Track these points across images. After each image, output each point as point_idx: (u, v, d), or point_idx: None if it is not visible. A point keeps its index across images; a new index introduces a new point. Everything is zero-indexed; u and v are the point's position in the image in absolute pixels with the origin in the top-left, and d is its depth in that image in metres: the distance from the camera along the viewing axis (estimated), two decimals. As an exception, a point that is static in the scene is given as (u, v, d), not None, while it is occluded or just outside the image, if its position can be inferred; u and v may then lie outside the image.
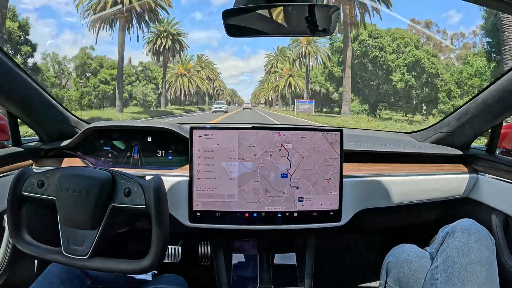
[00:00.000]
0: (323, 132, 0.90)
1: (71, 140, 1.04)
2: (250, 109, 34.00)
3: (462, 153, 1.08)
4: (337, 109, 20.02)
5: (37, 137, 1.10)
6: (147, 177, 0.72)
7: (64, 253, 0.69)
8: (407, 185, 1.01)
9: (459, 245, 0.70)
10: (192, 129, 0.88)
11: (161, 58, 22.21)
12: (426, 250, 0.79)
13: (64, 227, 0.70)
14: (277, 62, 28.83)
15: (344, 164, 0.90)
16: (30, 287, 0.74)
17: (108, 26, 17.17)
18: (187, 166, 0.89)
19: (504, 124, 1.00)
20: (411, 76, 16.53)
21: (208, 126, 0.89)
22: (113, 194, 0.69)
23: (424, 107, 16.71)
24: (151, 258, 0.68)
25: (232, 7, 0.68)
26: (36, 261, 1.04)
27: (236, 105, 55.34)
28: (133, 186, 0.69)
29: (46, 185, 0.71)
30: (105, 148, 1.07)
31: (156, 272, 1.13)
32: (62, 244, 0.69)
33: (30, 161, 1.01)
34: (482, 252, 0.68)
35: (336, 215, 0.91)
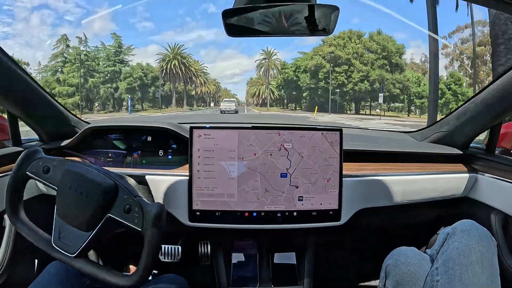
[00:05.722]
0: (322, 132, 0.90)
1: (71, 140, 1.04)
2: (236, 111, 20.99)
3: (461, 152, 1.08)
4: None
5: (37, 137, 1.10)
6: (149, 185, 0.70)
7: (53, 244, 0.67)
8: (407, 185, 1.01)
9: (459, 246, 0.68)
10: (192, 128, 0.88)
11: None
12: (426, 253, 0.78)
13: (59, 219, 0.68)
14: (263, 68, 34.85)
15: (344, 164, 0.91)
16: (28, 287, 0.74)
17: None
18: (187, 165, 0.89)
19: (503, 123, 1.00)
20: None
21: (208, 125, 0.89)
22: (112, 205, 0.67)
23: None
24: (137, 277, 0.65)
25: (232, 7, 0.68)
26: (36, 261, 1.04)
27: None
28: (135, 205, 0.66)
29: (51, 173, 0.69)
30: (105, 148, 1.07)
31: (155, 272, 1.13)
32: (53, 235, 0.68)
33: None
34: (483, 253, 0.67)
35: (335, 214, 0.91)
